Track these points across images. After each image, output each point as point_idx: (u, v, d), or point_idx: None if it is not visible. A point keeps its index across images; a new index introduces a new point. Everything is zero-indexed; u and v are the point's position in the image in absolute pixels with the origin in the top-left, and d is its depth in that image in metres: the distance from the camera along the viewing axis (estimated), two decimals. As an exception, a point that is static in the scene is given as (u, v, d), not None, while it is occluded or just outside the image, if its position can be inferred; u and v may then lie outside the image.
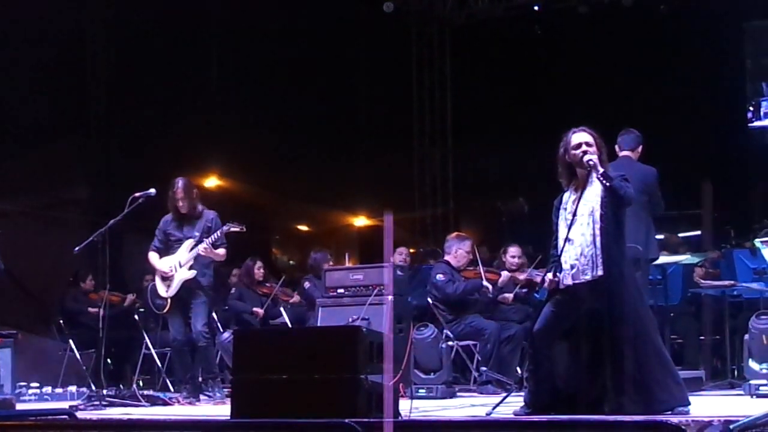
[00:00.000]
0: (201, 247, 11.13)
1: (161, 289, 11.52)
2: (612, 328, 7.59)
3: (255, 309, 14.08)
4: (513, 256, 12.73)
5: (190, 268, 11.28)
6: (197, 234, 11.32)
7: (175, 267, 11.32)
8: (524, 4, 20.02)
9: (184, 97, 18.31)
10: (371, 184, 19.46)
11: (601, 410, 7.53)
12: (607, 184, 7.67)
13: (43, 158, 17.33)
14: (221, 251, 11.35)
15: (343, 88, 20.19)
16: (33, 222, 17.56)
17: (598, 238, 7.69)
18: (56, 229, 17.32)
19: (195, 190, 11.62)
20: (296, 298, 14.31)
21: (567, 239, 7.77)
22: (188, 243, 11.32)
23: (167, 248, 11.53)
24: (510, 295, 12.41)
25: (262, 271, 14.54)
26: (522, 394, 8.30)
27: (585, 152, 7.81)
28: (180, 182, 11.44)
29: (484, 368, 11.72)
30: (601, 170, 7.72)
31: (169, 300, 11.42)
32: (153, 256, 11.58)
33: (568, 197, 7.94)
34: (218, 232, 11.21)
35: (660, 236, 13.68)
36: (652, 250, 10.65)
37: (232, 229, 11.29)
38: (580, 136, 7.93)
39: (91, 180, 18.48)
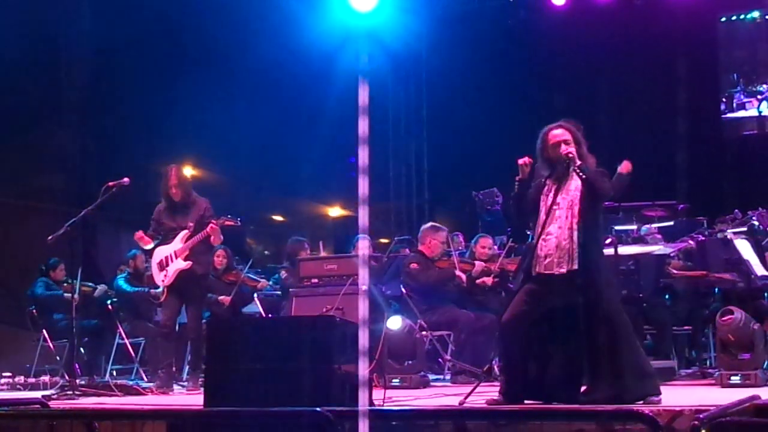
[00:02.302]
0: (209, 228, 11.14)
1: (158, 278, 11.56)
2: (586, 319, 7.63)
3: (221, 297, 13.86)
4: (484, 247, 12.77)
5: (186, 258, 11.29)
6: (191, 224, 11.33)
7: (170, 257, 11.33)
8: (500, -6, 20.06)
9: (160, 86, 18.26)
10: (345, 174, 19.46)
11: (573, 399, 7.57)
12: (584, 176, 7.72)
13: (17, 147, 17.29)
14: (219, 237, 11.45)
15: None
16: (6, 211, 17.51)
17: (575, 233, 7.72)
18: (29, 219, 17.28)
19: (187, 179, 11.67)
20: (264, 282, 14.20)
21: (543, 229, 7.79)
22: (183, 234, 11.32)
23: (162, 237, 11.54)
24: (489, 279, 12.42)
25: (221, 259, 14.23)
26: (494, 383, 8.33)
27: (564, 149, 7.85)
28: (173, 170, 11.48)
29: (449, 358, 11.74)
30: (579, 163, 7.76)
31: (165, 289, 11.45)
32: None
33: (550, 186, 7.95)
34: (214, 223, 11.22)
35: (634, 226, 13.75)
36: None
37: (227, 223, 11.32)
38: (559, 133, 7.96)
39: (65, 169, 18.42)
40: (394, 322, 11.04)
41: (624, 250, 11.23)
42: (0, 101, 16.72)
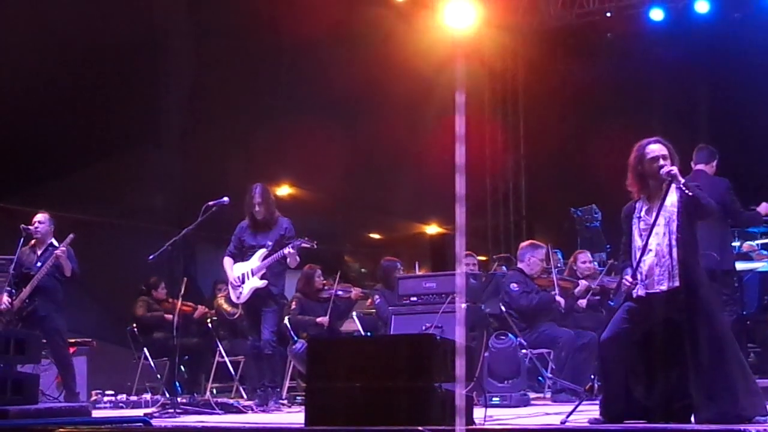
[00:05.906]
0: (286, 250, 11.23)
1: (232, 295, 11.67)
2: (690, 338, 7.51)
3: (318, 319, 13.84)
4: (584, 262, 12.72)
5: (262, 277, 11.37)
6: (270, 243, 11.43)
7: (247, 275, 11.41)
8: (597, 10, 19.88)
9: (258, 105, 18.38)
10: (443, 191, 19.41)
11: (678, 419, 7.46)
12: (690, 193, 7.59)
13: (118, 167, 17.50)
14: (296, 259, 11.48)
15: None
16: (106, 231, 17.73)
17: (674, 249, 7.62)
18: (130, 238, 17.48)
19: (271, 197, 11.74)
20: (357, 291, 14.19)
21: (643, 249, 7.69)
22: (261, 252, 11.42)
23: (241, 254, 11.66)
24: (584, 301, 12.33)
25: (322, 279, 14.31)
26: (596, 402, 8.24)
27: (663, 165, 7.74)
28: (258, 188, 11.61)
29: (549, 375, 11.66)
30: (682, 181, 7.65)
31: (240, 307, 11.57)
32: (227, 262, 11.75)
33: (641, 206, 7.87)
34: (291, 246, 11.28)
35: (736, 244, 13.54)
36: (725, 260, 10.58)
37: (303, 245, 11.37)
38: (657, 149, 7.85)
39: (165, 188, 18.60)
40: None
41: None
42: (100, 121, 16.93)
